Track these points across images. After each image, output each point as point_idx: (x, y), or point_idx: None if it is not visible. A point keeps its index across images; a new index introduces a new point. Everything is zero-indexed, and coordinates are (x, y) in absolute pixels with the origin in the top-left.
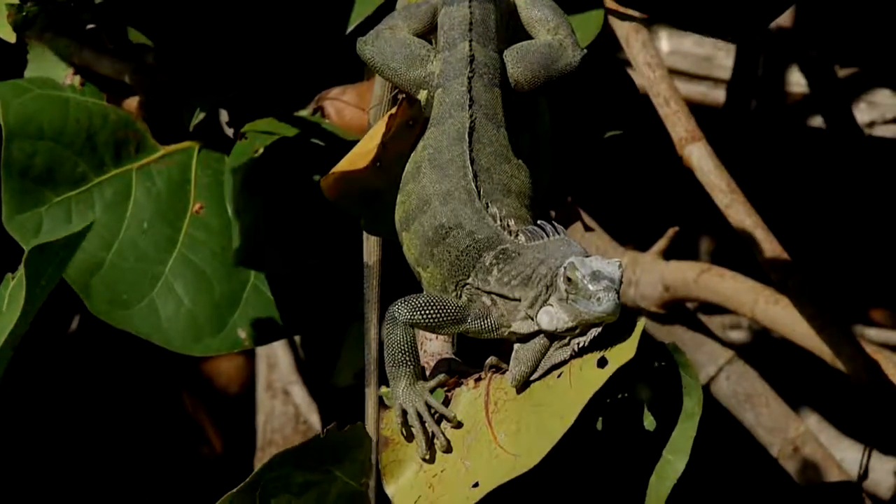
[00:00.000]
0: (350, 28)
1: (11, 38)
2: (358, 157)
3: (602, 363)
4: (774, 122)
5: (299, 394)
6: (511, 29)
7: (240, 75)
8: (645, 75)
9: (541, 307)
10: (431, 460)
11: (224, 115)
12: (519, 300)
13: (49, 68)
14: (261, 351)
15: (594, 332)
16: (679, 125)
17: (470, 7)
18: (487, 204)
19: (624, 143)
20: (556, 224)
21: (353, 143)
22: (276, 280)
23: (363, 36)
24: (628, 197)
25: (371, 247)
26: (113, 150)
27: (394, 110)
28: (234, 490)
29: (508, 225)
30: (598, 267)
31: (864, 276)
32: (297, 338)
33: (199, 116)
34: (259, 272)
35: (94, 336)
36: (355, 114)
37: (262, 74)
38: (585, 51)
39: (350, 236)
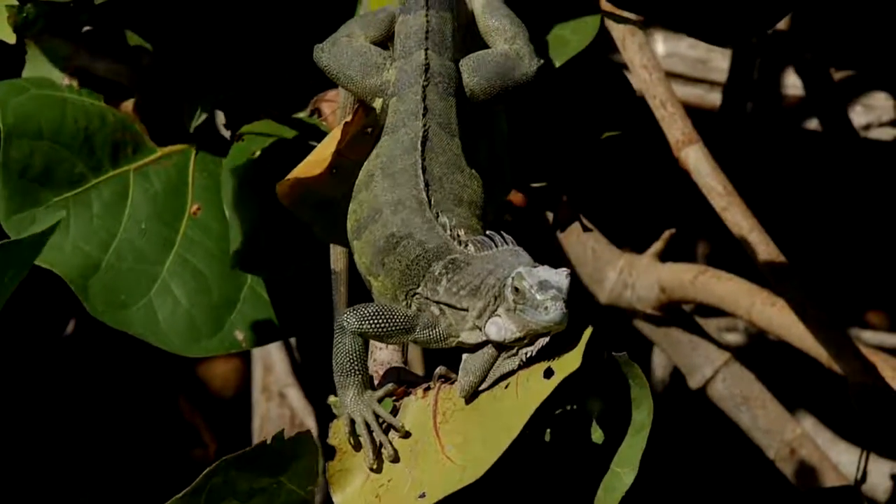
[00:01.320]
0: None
1: (11, 39)
2: (313, 164)
3: (548, 374)
4: (770, 125)
5: (295, 397)
6: (469, 39)
7: (237, 77)
8: (641, 78)
9: (489, 318)
10: (379, 470)
11: (221, 117)
12: (467, 310)
13: (47, 69)
14: (257, 353)
15: (542, 341)
16: (675, 127)
17: (427, 16)
18: (438, 213)
19: (620, 145)
20: (505, 234)
21: None
22: (273, 282)
23: (320, 43)
24: (625, 199)
25: (338, 253)
26: (110, 151)
27: (349, 118)
28: (180, 494)
29: (458, 235)
30: (545, 276)
31: (861, 278)
32: (293, 340)
33: (201, 118)
34: (256, 274)
35: (91, 338)
36: None
37: (259, 76)
38: (542, 61)
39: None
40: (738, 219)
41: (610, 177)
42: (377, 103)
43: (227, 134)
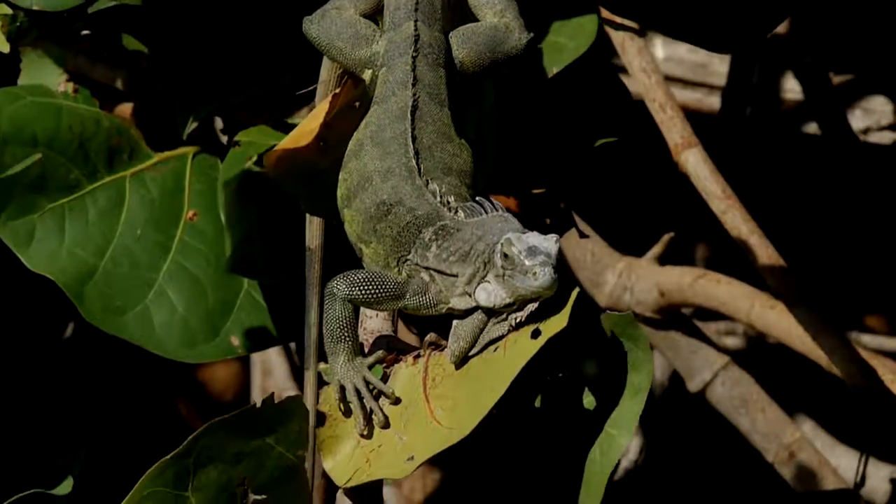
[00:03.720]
0: None
1: (5, 48)
2: (301, 136)
3: (535, 335)
4: (769, 129)
5: None
6: (458, 12)
7: (233, 83)
8: (640, 81)
9: (478, 284)
10: (369, 436)
11: (219, 123)
12: (457, 276)
13: (42, 76)
14: (256, 357)
15: (531, 307)
16: (674, 131)
17: None
18: (428, 181)
19: (619, 149)
20: (494, 201)
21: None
22: (269, 287)
23: (310, 15)
24: (624, 203)
25: (314, 230)
26: (106, 156)
27: (338, 90)
28: (167, 457)
29: (448, 202)
30: (534, 242)
31: (860, 282)
32: (292, 344)
33: (192, 125)
34: (252, 279)
35: (89, 342)
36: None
37: (255, 82)
38: (532, 34)
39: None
40: (737, 222)
41: (609, 180)
42: (366, 75)
43: (224, 139)
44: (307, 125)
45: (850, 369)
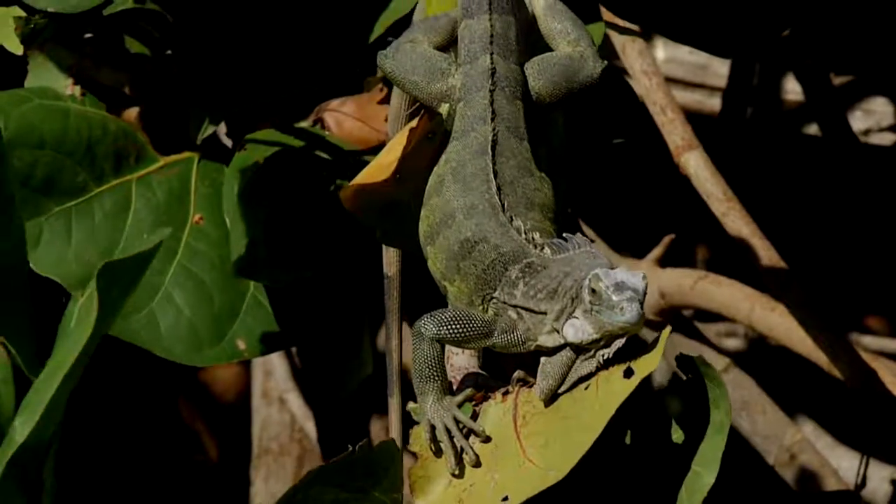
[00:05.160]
0: (371, 38)
1: (18, 50)
2: (378, 170)
3: (628, 374)
4: (770, 130)
5: (295, 402)
6: (530, 41)
7: (240, 86)
8: (641, 83)
9: (566, 320)
10: (461, 475)
11: (223, 127)
12: (545, 313)
13: (50, 78)
14: (257, 359)
15: (618, 343)
16: (675, 133)
17: (491, 20)
18: (511, 217)
19: (621, 151)
20: (581, 236)
21: (353, 153)
22: (275, 291)
23: (384, 49)
24: (625, 205)
25: (391, 257)
26: (113, 160)
27: (414, 123)
28: None
29: (533, 238)
30: (622, 278)
31: (861, 283)
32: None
33: (209, 129)
34: (258, 283)
35: None
36: (355, 125)
37: (262, 85)
38: (606, 62)
39: (349, 247)
40: (737, 224)
41: (610, 182)
42: (443, 108)
43: (229, 143)
44: (383, 159)
45: (850, 371)
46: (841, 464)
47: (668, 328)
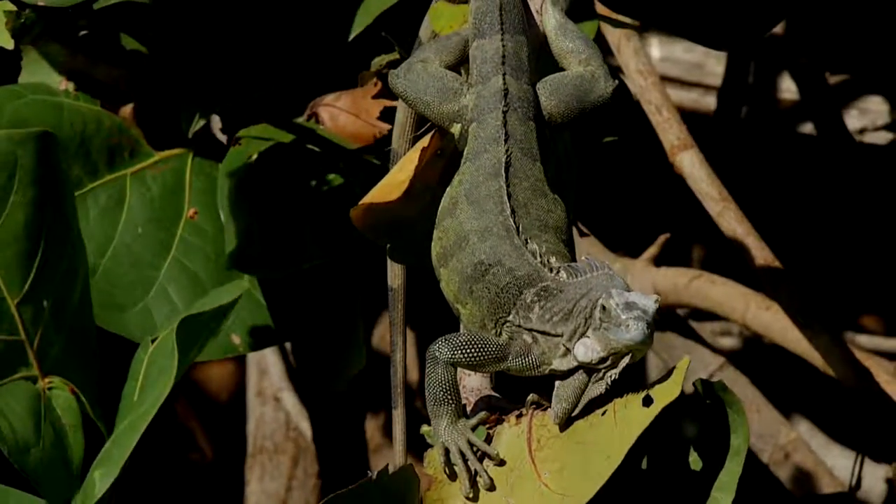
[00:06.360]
0: (351, 36)
1: (9, 44)
2: (389, 189)
3: (647, 402)
4: (765, 129)
5: (290, 400)
6: (541, 61)
7: (234, 81)
8: (636, 82)
9: (578, 339)
10: (475, 498)
11: (217, 122)
12: (560, 336)
13: (43, 74)
14: (251, 357)
15: (625, 361)
16: (671, 133)
17: (502, 40)
18: (527, 240)
19: (616, 149)
20: (598, 260)
21: (347, 149)
22: (269, 285)
23: (395, 69)
24: (620, 204)
25: (396, 271)
26: (107, 155)
27: (426, 142)
28: None
29: (549, 261)
30: (633, 298)
31: (856, 282)
32: (287, 344)
33: (199, 123)
34: (252, 277)
35: None
36: (349, 120)
37: (256, 81)
38: (617, 81)
39: (342, 242)
40: (732, 223)
41: (605, 181)
42: (455, 128)
43: (223, 138)
44: (394, 178)
45: (845, 370)
46: (835, 463)
47: (687, 359)
